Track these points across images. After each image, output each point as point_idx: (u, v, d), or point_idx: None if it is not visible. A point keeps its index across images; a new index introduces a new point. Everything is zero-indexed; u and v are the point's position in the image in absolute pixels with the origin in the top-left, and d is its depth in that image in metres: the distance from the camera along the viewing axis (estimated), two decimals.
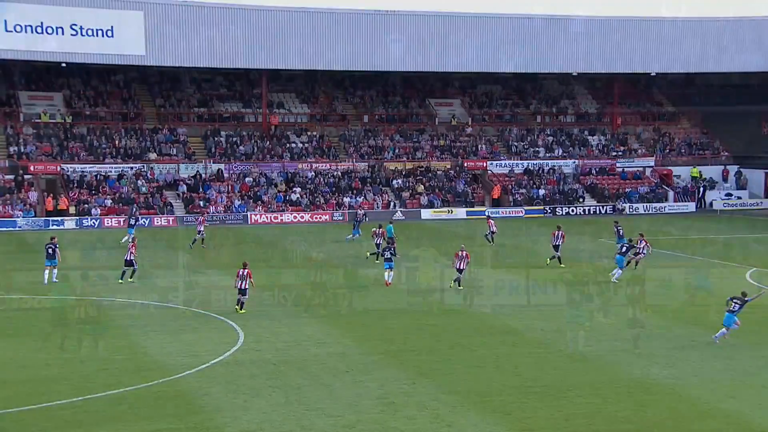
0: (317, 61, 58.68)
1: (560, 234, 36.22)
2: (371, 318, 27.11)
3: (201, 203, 55.01)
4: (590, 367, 21.74)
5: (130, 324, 25.87)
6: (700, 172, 63.79)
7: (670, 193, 61.74)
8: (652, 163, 64.49)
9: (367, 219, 48.89)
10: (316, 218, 55.28)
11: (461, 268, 31.05)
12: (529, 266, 37.24)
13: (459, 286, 31.04)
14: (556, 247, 36.04)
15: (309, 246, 43.24)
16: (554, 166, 63.43)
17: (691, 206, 60.45)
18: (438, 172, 61.49)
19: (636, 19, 62.77)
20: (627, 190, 61.42)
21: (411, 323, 26.30)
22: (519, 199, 59.75)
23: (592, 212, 59.30)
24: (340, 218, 55.56)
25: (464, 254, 31.16)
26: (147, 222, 52.31)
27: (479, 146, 64.54)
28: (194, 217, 49.95)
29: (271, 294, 29.83)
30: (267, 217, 54.03)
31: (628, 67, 62.71)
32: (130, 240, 35.63)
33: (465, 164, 62.45)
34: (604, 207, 59.53)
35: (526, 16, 61.66)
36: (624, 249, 33.97)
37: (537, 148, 65.04)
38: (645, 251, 34.85)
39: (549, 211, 58.60)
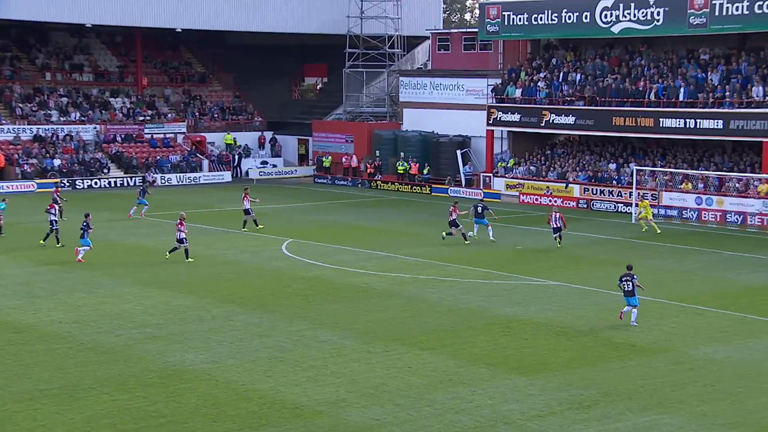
0: None
1: (452, 209, 37.80)
2: None
3: None
4: (118, 360, 21.59)
5: None
6: (234, 138, 66.63)
7: (205, 162, 63.59)
8: (184, 129, 65.78)
9: None
10: None
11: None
12: (36, 250, 35.73)
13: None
14: (454, 227, 37.41)
15: None
16: (71, 131, 61.46)
17: (227, 175, 62.95)
18: None
19: None
20: (157, 158, 61.90)
21: None
22: (29, 171, 56.89)
23: (119, 184, 58.73)
24: None
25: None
26: None
27: None
28: None
29: None
30: None
31: (150, 21, 62.82)
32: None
33: None
34: (133, 178, 59.32)
35: None
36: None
37: (49, 111, 62.36)
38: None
39: (68, 183, 56.70)
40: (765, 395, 19.44)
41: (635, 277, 24.86)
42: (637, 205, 43.76)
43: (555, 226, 37.20)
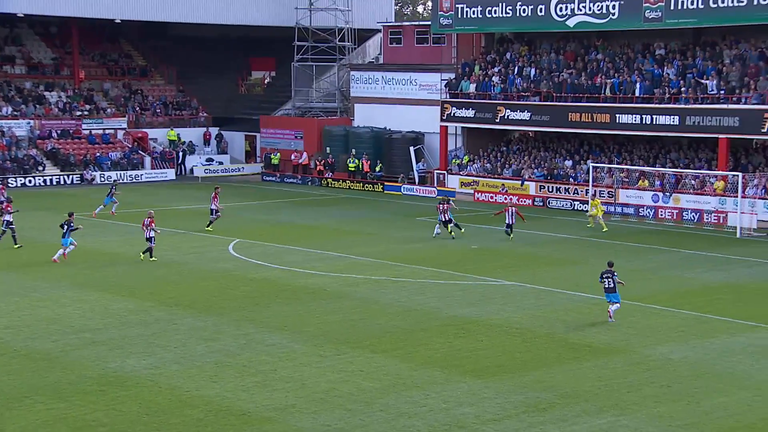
0: None
1: (445, 206, 38.97)
2: None
3: None
4: (54, 367, 21.31)
5: None
6: (178, 135, 66.10)
7: (147, 159, 63.03)
8: (125, 125, 65.11)
9: None
10: None
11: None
12: None
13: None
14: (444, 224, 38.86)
15: None
16: (3, 127, 60.54)
17: (171, 173, 62.45)
18: None
19: None
20: (97, 155, 61.22)
21: None
22: None
23: (55, 182, 57.99)
24: None
25: None
26: None
27: None
28: None
29: None
30: None
31: (87, 11, 62.01)
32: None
33: None
34: (70, 176, 58.62)
35: None
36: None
37: None
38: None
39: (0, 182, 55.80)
40: (721, 396, 19.79)
41: (615, 273, 25.48)
42: (588, 202, 44.30)
43: (508, 222, 38.42)
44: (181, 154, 64.76)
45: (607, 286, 25.43)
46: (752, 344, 23.65)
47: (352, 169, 58.80)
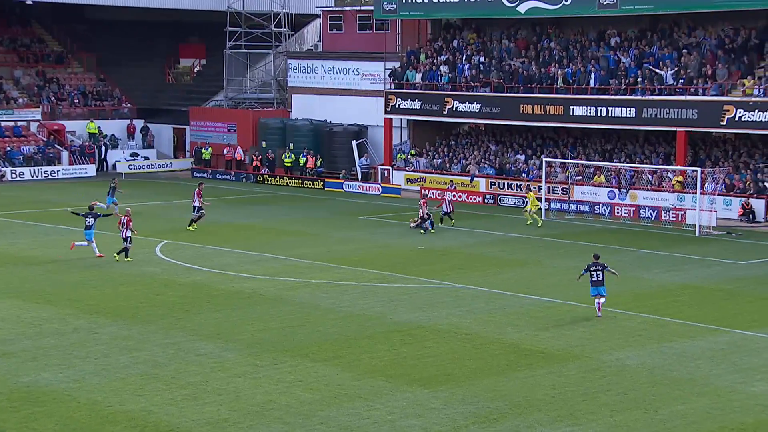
0: None
1: (422, 202, 41.64)
2: None
3: None
4: None
5: None
6: (99, 127, 65.37)
7: (65, 154, 62.25)
8: (39, 116, 64.22)
9: None
10: None
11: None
12: None
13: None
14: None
15: None
16: None
17: (91, 169, 61.73)
18: None
19: None
20: (7, 149, 60.35)
21: None
22: None
23: None
24: None
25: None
26: None
27: None
28: None
29: None
30: None
31: None
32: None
33: None
34: None
35: None
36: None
37: None
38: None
39: None
40: (679, 403, 20.14)
41: (606, 266, 26.46)
42: (525, 197, 44.70)
43: (446, 210, 41.99)
44: (102, 148, 64.04)
45: (595, 279, 26.24)
46: (711, 348, 24.11)
47: (288, 164, 58.63)
